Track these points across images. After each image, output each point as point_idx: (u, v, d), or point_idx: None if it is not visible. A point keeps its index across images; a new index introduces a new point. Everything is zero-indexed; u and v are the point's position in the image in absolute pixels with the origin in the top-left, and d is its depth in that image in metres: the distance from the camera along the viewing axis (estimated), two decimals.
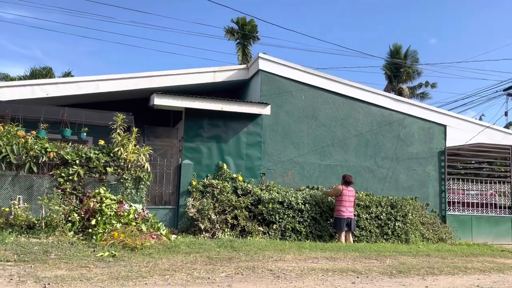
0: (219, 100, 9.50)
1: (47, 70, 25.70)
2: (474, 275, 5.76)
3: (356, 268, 5.65)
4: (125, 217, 6.67)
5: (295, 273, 5.18)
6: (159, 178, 8.89)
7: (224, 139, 9.70)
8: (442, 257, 7.20)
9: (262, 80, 10.23)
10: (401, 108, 11.28)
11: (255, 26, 25.15)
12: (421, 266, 6.06)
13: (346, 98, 10.84)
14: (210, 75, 10.62)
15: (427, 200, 11.09)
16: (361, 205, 9.48)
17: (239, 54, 25.53)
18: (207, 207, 8.51)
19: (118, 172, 7.56)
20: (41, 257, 5.17)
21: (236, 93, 12.09)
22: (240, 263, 5.58)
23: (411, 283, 5.00)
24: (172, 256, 5.74)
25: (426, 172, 11.30)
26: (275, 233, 8.64)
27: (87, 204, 6.74)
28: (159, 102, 9.09)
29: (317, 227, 9.05)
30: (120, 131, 7.72)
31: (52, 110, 8.63)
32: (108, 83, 9.87)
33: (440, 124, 11.58)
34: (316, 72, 10.86)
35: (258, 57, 10.33)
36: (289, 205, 8.92)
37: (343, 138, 10.73)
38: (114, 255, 5.50)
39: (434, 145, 11.48)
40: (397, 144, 11.14)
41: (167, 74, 10.32)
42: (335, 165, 10.55)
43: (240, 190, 9.08)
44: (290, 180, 10.13)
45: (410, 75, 30.09)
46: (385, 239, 9.39)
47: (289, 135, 10.29)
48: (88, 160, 7.41)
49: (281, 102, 10.31)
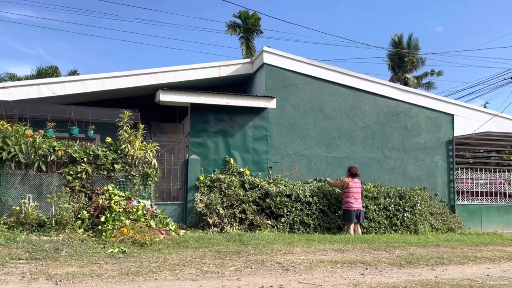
0: (225, 95, 9.50)
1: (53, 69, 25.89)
2: (484, 264, 5.74)
3: (365, 260, 5.65)
4: (134, 214, 6.72)
5: (304, 265, 5.19)
6: (166, 174, 8.94)
7: (230, 133, 9.71)
8: (451, 247, 7.17)
9: (267, 73, 10.20)
10: (407, 98, 11.19)
11: (258, 19, 25.01)
12: (431, 256, 6.04)
13: (352, 89, 10.78)
14: (215, 70, 10.60)
15: (435, 190, 11.03)
16: (369, 196, 9.45)
17: (243, 48, 25.43)
18: (215, 201, 8.54)
19: (126, 169, 7.60)
20: (52, 254, 5.23)
21: (241, 87, 12.07)
22: (249, 256, 5.61)
23: (420, 274, 4.99)
24: (181, 251, 5.77)
25: (434, 162, 11.23)
26: (284, 226, 8.65)
27: (96, 201, 6.79)
28: (165, 98, 9.11)
29: (326, 220, 9.05)
30: (127, 128, 7.75)
31: (59, 108, 8.69)
32: (114, 80, 9.90)
33: (448, 114, 11.48)
34: (321, 64, 10.80)
35: (263, 50, 10.30)
36: (297, 198, 8.92)
37: (350, 130, 10.68)
38: (124, 251, 5.55)
39: (441, 134, 11.38)
40: (404, 134, 11.07)
41: (172, 70, 10.32)
42: (342, 157, 10.52)
43: (248, 184, 9.09)
44: (297, 173, 10.12)
45: (414, 64, 29.80)
46: (394, 230, 9.36)
47: (295, 128, 10.27)
48: (96, 157, 7.46)
49: (287, 95, 10.28)
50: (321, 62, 11.00)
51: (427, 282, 4.45)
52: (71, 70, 26.24)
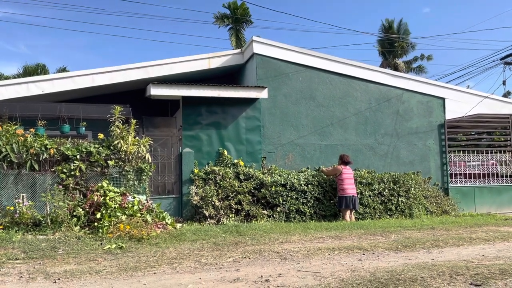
0: (216, 87, 9.45)
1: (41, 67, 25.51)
2: (479, 245, 5.82)
3: (362, 245, 5.70)
4: (130, 209, 6.71)
5: (302, 253, 5.22)
6: (160, 168, 8.91)
7: (223, 125, 9.68)
8: (446, 229, 7.26)
9: (258, 63, 10.15)
10: (398, 83, 11.21)
11: (247, 9, 24.81)
12: (426, 240, 6.11)
13: (343, 76, 10.77)
14: (205, 61, 10.53)
15: (429, 173, 11.12)
16: (364, 182, 9.52)
17: (232, 39, 25.21)
18: (210, 194, 8.55)
19: (120, 164, 7.57)
20: (49, 253, 5.20)
21: (232, 78, 12.02)
22: (246, 247, 5.63)
23: (417, 257, 5.04)
24: (179, 244, 5.78)
25: (427, 146, 11.31)
26: (280, 216, 8.69)
27: (91, 198, 6.76)
28: (156, 92, 9.04)
29: (321, 207, 9.11)
30: (119, 123, 7.69)
31: (49, 106, 8.60)
32: (104, 76, 9.80)
33: (439, 97, 11.54)
34: (311, 52, 10.77)
35: (252, 40, 10.23)
36: (292, 187, 8.95)
37: (342, 117, 10.70)
38: (122, 247, 5.54)
39: (433, 118, 11.45)
40: (396, 120, 11.11)
41: (162, 63, 10.24)
42: (335, 144, 10.55)
43: (242, 175, 9.10)
44: (292, 162, 10.14)
45: (404, 49, 29.84)
46: (389, 215, 9.45)
47: (288, 118, 10.27)
48: (89, 154, 7.40)
49: (278, 85, 10.25)
50: (311, 50, 10.98)
51: (424, 265, 4.50)
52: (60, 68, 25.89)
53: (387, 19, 30.19)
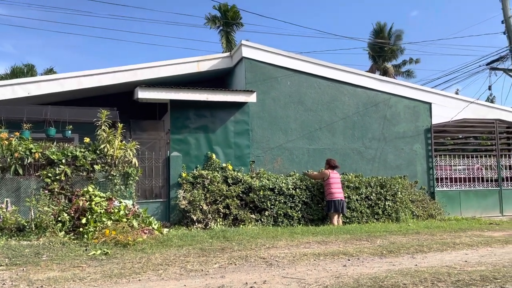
0: (204, 90, 9.43)
1: (29, 68, 25.24)
2: (463, 250, 5.89)
3: (347, 251, 5.74)
4: (116, 214, 6.66)
5: (288, 259, 5.24)
6: (148, 171, 8.87)
7: (212, 129, 9.67)
8: (431, 234, 7.34)
9: (247, 67, 10.17)
10: (386, 88, 11.32)
11: (238, 12, 24.78)
12: (411, 245, 6.18)
13: (332, 81, 10.85)
14: (193, 65, 10.50)
15: (415, 178, 11.24)
16: (351, 186, 9.59)
17: (222, 41, 25.16)
18: (198, 198, 8.53)
19: (106, 169, 7.51)
20: (32, 259, 5.14)
21: (221, 81, 12.01)
22: (233, 253, 5.63)
23: (401, 262, 5.09)
24: (165, 250, 5.76)
25: (414, 150, 11.43)
26: (268, 220, 8.71)
27: (76, 203, 6.70)
28: (143, 96, 9.00)
29: (309, 211, 9.15)
30: (105, 127, 7.64)
31: (35, 109, 8.51)
32: (91, 78, 9.71)
33: (425, 102, 11.68)
34: (300, 57, 10.83)
35: (241, 44, 10.25)
36: (280, 191, 8.98)
37: (330, 122, 10.76)
38: (107, 253, 5.50)
39: (420, 123, 11.58)
40: (383, 124, 11.22)
41: (151, 66, 10.18)
42: (323, 148, 10.60)
43: (231, 179, 9.10)
44: (280, 166, 10.17)
45: (394, 53, 30.13)
46: (376, 218, 9.52)
47: (277, 122, 10.30)
48: (75, 158, 7.34)
49: (267, 89, 10.28)
50: (300, 55, 11.04)
51: (407, 271, 4.55)
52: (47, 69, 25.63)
53: (378, 23, 30.40)
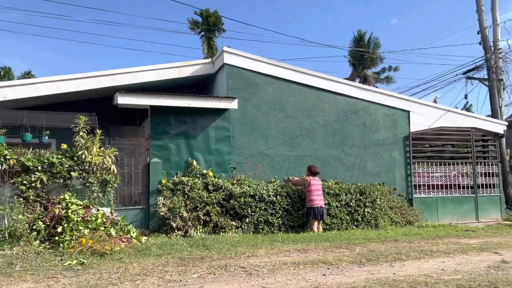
0: (185, 96, 9.37)
1: (6, 70, 24.66)
2: (440, 258, 5.99)
3: (326, 259, 5.76)
4: (93, 222, 6.53)
5: (267, 268, 5.23)
6: (127, 178, 8.74)
7: (193, 135, 9.60)
8: (409, 241, 7.44)
9: (228, 74, 10.16)
10: (365, 96, 11.48)
11: (220, 17, 24.73)
12: (389, 253, 6.25)
13: (312, 88, 10.93)
14: (175, 70, 10.43)
15: (394, 184, 11.41)
16: (331, 193, 9.65)
17: (204, 47, 25.03)
18: (178, 205, 8.45)
19: (83, 176, 7.36)
20: (5, 270, 4.99)
21: (202, 87, 11.96)
22: (212, 262, 5.58)
23: (379, 271, 5.14)
24: (143, 259, 5.67)
25: (392, 157, 11.61)
26: (248, 227, 8.68)
27: (52, 211, 6.54)
28: (123, 101, 8.87)
29: (289, 218, 9.16)
30: (83, 133, 7.50)
31: (10, 114, 8.30)
32: (69, 83, 9.51)
33: (404, 110, 11.89)
34: (282, 64, 10.88)
35: (223, 50, 10.24)
36: (261, 197, 8.97)
37: (311, 129, 10.83)
38: (83, 263, 5.38)
39: (398, 131, 11.78)
40: (363, 131, 11.36)
41: (131, 71, 10.05)
42: (304, 155, 10.66)
43: (211, 185, 9.05)
44: (261, 172, 10.17)
45: (374, 61, 30.62)
46: (355, 225, 9.61)
47: (258, 128, 10.31)
48: (51, 165, 7.17)
49: (248, 95, 10.29)
50: (281, 62, 11.10)
51: (385, 280, 4.60)
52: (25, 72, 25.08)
53: (359, 31, 30.85)
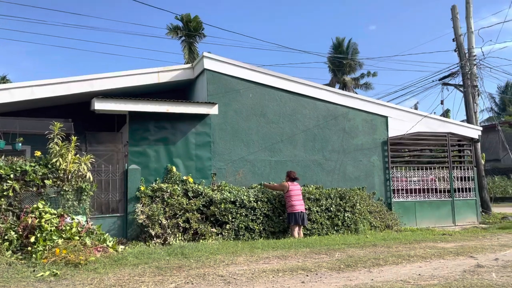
0: (165, 102, 9.27)
1: None
2: (417, 263, 6.05)
3: (306, 266, 5.75)
4: (67, 232, 6.36)
5: (246, 277, 5.18)
6: (104, 185, 8.57)
7: (172, 141, 9.50)
8: (387, 246, 7.50)
9: (208, 79, 10.10)
10: (344, 101, 11.58)
11: (200, 22, 24.61)
12: (368, 258, 6.28)
13: (293, 94, 10.97)
14: (154, 75, 10.31)
15: (373, 189, 11.52)
16: (312, 198, 9.67)
17: (185, 52, 24.87)
18: (157, 212, 8.33)
19: (58, 184, 7.17)
20: None
21: (182, 93, 11.87)
22: (190, 271, 5.50)
23: (357, 277, 5.16)
24: (119, 269, 5.54)
25: (371, 162, 11.73)
26: (229, 234, 8.62)
27: (25, 221, 6.35)
28: (100, 107, 8.71)
29: (270, 224, 9.13)
30: (58, 140, 7.32)
31: None
32: (45, 88, 9.27)
33: (382, 116, 12.04)
34: (262, 70, 10.89)
35: (203, 56, 10.18)
36: (242, 203, 8.92)
37: (292, 134, 10.86)
38: (56, 274, 5.23)
39: (377, 136, 11.91)
40: (343, 137, 11.45)
41: (109, 76, 9.87)
42: (285, 160, 10.67)
43: (191, 192, 8.95)
44: (242, 178, 10.13)
45: (352, 67, 31.02)
46: (336, 230, 9.64)
47: (239, 134, 10.27)
48: (24, 173, 6.96)
49: (229, 101, 10.25)
50: (262, 68, 11.09)
51: (363, 287, 4.61)
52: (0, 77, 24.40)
53: (337, 38, 31.26)
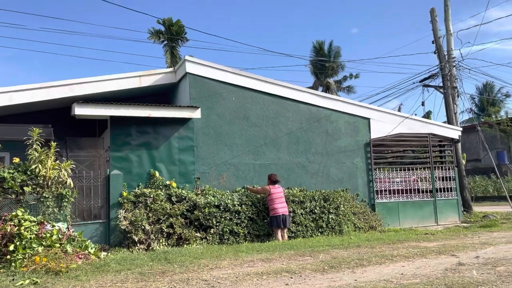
0: (146, 106, 9.20)
1: None
2: (400, 263, 6.12)
3: (290, 268, 5.76)
4: (48, 239, 6.23)
5: (230, 280, 5.16)
6: (86, 191, 8.43)
7: (155, 145, 9.42)
8: (371, 247, 7.57)
9: (191, 83, 10.06)
10: (327, 104, 11.68)
11: (182, 26, 24.52)
12: (352, 259, 6.32)
13: (276, 97, 11.00)
14: (135, 80, 10.22)
15: (357, 190, 11.62)
16: (296, 201, 9.70)
17: (167, 56, 24.72)
18: (140, 217, 8.23)
19: (38, 191, 7.02)
20: None
21: (165, 97, 11.80)
22: (174, 276, 5.45)
23: (341, 278, 5.19)
24: (101, 276, 5.45)
25: (354, 164, 11.84)
26: (213, 238, 8.57)
27: (4, 229, 6.19)
28: (81, 112, 8.60)
29: (255, 227, 9.12)
30: (38, 146, 7.18)
31: None
32: (23, 94, 9.10)
33: (364, 118, 12.18)
34: (245, 73, 10.90)
35: (185, 59, 10.14)
36: (226, 207, 8.88)
37: (275, 137, 10.89)
38: (36, 282, 5.11)
39: (360, 137, 12.04)
40: (326, 139, 11.53)
41: (89, 81, 9.74)
42: (269, 163, 10.68)
43: (175, 197, 8.89)
44: (226, 182, 10.10)
45: (334, 70, 31.32)
46: (320, 232, 9.69)
47: (222, 137, 10.25)
48: (2, 180, 6.80)
49: (212, 105, 10.22)
50: (245, 71, 11.11)
51: (346, 287, 4.64)
52: None
53: (317, 41, 31.50)
